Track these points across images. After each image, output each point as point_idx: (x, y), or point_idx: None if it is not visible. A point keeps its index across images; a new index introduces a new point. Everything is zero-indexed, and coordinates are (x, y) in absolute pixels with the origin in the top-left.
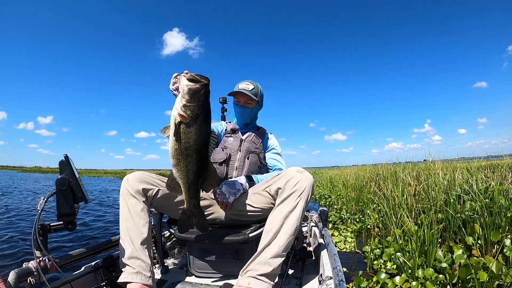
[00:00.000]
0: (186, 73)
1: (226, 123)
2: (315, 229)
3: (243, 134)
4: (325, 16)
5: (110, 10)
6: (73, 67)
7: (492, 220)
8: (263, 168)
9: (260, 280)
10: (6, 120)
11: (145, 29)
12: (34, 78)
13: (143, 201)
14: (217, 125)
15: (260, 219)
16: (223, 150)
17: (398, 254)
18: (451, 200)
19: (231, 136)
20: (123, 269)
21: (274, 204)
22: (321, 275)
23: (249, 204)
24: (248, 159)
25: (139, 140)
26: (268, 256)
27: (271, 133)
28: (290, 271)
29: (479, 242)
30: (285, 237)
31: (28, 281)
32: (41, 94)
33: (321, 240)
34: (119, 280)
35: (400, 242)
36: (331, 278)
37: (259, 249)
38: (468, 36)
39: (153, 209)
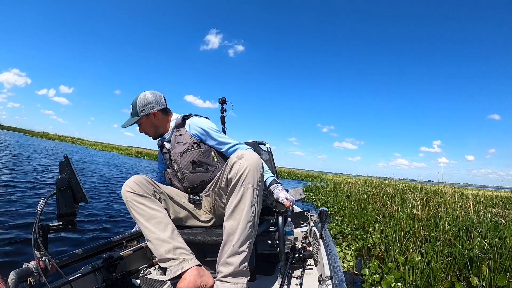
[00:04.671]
0: None
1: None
2: (315, 229)
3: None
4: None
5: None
6: (116, 50)
7: (500, 263)
8: (201, 160)
9: (225, 281)
10: (29, 85)
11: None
12: (70, 47)
13: (150, 194)
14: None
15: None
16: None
17: (399, 284)
18: (461, 234)
19: (164, 154)
20: (167, 266)
21: None
22: (321, 275)
23: (221, 203)
24: (180, 165)
25: None
26: (226, 255)
27: (189, 118)
28: (290, 271)
29: (484, 284)
30: (239, 233)
31: (28, 282)
32: (72, 64)
33: (321, 240)
34: (168, 278)
35: (402, 270)
36: (331, 278)
37: (220, 249)
38: (486, 68)
39: None
